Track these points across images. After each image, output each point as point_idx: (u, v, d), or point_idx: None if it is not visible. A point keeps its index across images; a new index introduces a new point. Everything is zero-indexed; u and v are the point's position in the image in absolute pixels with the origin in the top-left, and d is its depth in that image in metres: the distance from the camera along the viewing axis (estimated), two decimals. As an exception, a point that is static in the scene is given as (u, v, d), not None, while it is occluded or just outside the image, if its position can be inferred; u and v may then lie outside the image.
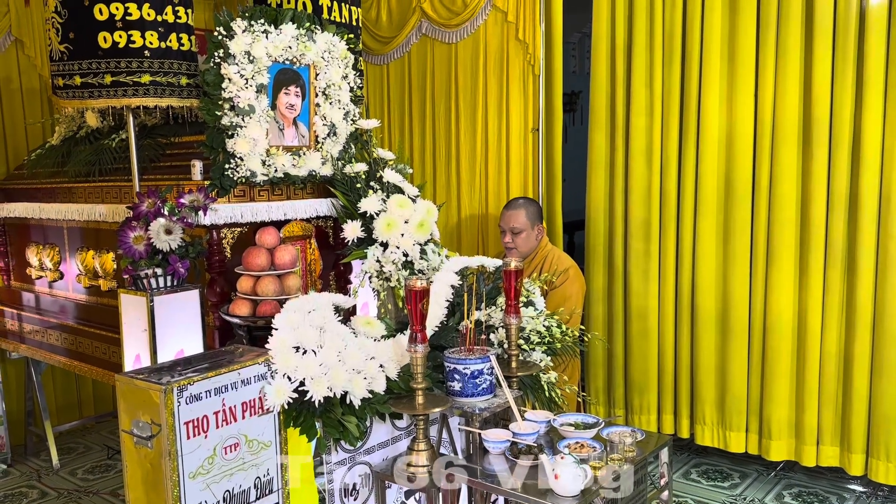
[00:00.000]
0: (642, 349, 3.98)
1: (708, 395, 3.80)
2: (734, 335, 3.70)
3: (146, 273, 2.61)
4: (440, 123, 4.62)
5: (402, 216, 2.88)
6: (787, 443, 3.63)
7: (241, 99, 2.69)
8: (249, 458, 2.09)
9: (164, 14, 2.86)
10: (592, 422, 2.32)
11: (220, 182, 2.74)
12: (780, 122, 3.49)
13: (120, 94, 2.85)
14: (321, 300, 2.42)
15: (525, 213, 3.69)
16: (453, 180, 4.58)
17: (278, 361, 2.14)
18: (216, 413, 2.00)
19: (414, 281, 2.14)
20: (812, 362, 3.52)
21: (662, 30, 3.78)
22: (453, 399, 2.32)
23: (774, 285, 3.57)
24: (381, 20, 4.79)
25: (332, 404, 2.19)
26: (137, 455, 1.98)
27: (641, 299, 3.95)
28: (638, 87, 3.86)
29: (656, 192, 3.87)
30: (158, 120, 3.45)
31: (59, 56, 2.89)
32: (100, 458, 4.37)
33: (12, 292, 4.12)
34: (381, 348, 2.37)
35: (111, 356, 3.24)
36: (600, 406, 4.20)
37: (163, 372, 2.01)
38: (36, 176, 3.81)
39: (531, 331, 2.73)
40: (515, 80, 4.24)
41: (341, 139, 3.07)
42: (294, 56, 2.82)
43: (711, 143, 3.66)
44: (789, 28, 3.42)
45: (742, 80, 3.58)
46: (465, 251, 4.40)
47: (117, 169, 3.28)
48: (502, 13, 4.23)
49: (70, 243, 3.59)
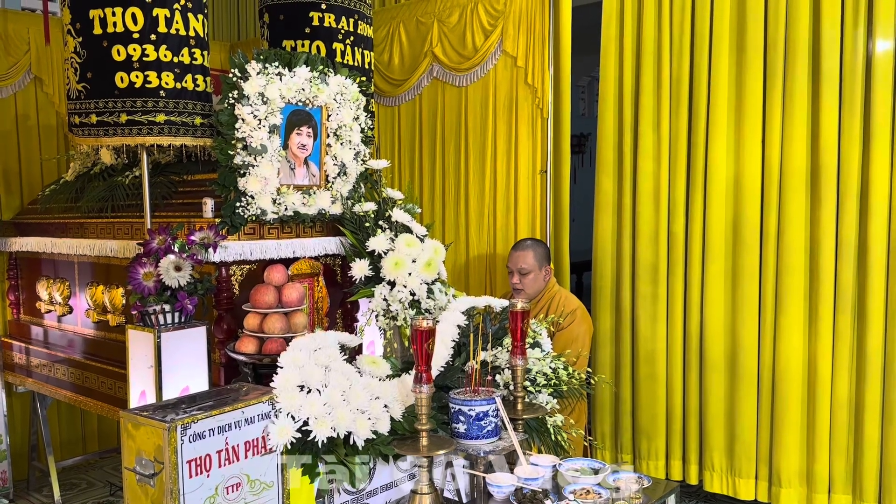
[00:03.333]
0: (650, 393, 3.94)
1: (717, 442, 3.76)
2: (743, 381, 3.67)
3: (154, 309, 2.63)
4: (449, 164, 4.67)
5: (410, 255, 2.89)
6: (798, 491, 3.57)
7: (254, 139, 2.73)
8: (251, 498, 2.08)
9: (180, 55, 2.92)
10: (599, 467, 2.29)
11: (231, 220, 2.77)
12: (788, 169, 3.51)
13: (135, 132, 2.90)
14: (327, 339, 2.42)
15: (533, 254, 3.70)
16: (462, 220, 4.61)
17: (282, 400, 2.13)
18: (219, 452, 1.99)
19: (420, 321, 2.13)
20: (822, 409, 3.48)
21: (670, 75, 3.83)
22: (458, 441, 2.30)
23: (783, 331, 3.55)
24: (393, 63, 4.88)
25: (336, 445, 2.17)
26: (140, 493, 1.96)
27: (649, 343, 3.93)
28: (645, 132, 3.89)
29: (664, 235, 3.88)
30: (171, 158, 3.50)
31: (76, 94, 2.96)
32: (102, 494, 4.33)
33: (21, 326, 4.14)
34: (386, 388, 2.36)
35: (117, 391, 3.24)
36: (607, 451, 4.14)
37: (167, 409, 2.01)
38: (49, 211, 3.86)
39: (537, 372, 2.71)
40: (524, 123, 4.29)
41: (351, 179, 3.10)
42: (307, 98, 2.87)
43: (719, 188, 3.68)
44: (796, 75, 3.46)
45: (749, 125, 3.61)
46: (473, 291, 4.40)
47: (130, 205, 3.32)
48: (512, 58, 4.30)
49: (80, 278, 3.62)
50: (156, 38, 2.85)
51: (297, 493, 2.18)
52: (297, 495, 2.18)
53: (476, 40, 4.44)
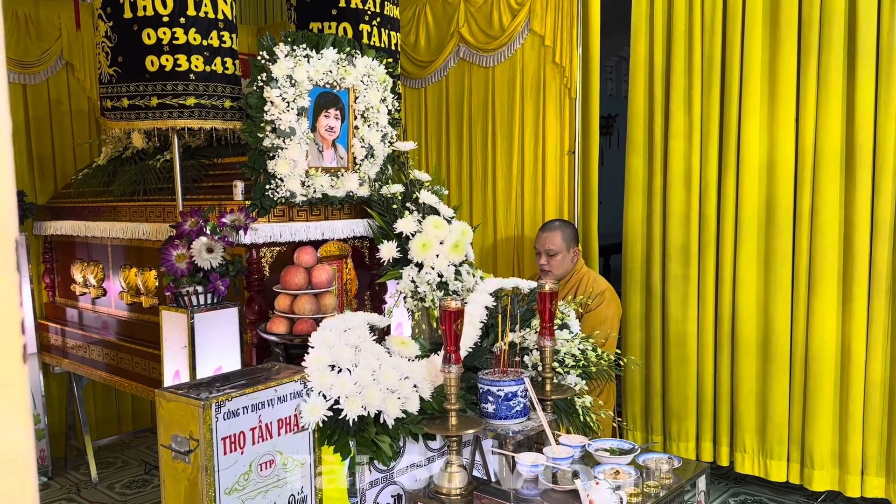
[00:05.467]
0: (681, 375, 3.92)
1: (748, 423, 3.73)
2: (775, 362, 3.63)
3: (187, 290, 2.67)
4: (476, 146, 4.65)
5: (438, 237, 2.90)
6: (831, 473, 3.53)
7: (283, 121, 2.75)
8: (284, 475, 2.11)
9: (209, 39, 2.94)
10: (628, 447, 2.29)
11: (261, 202, 2.80)
12: (822, 148, 3.44)
13: (166, 116, 2.93)
14: (356, 319, 2.44)
15: (561, 235, 3.68)
16: (489, 202, 4.60)
17: (314, 379, 2.16)
18: (252, 429, 2.02)
19: (448, 301, 2.14)
20: (856, 391, 3.43)
21: (701, 54, 3.76)
22: (487, 421, 2.31)
23: (817, 313, 3.50)
24: (419, 45, 4.86)
25: (366, 423, 2.20)
26: (175, 469, 2.01)
27: (680, 325, 3.90)
28: (676, 112, 3.84)
29: (695, 216, 3.83)
30: (202, 141, 3.53)
31: (107, 79, 2.99)
32: (137, 473, 4.43)
33: (57, 308, 4.22)
34: (415, 368, 2.38)
35: (151, 372, 3.30)
36: (637, 432, 4.14)
37: (201, 388, 2.04)
38: (82, 195, 3.93)
39: (566, 354, 2.71)
40: (552, 103, 4.26)
41: (378, 161, 3.11)
42: (334, 80, 2.87)
43: (752, 168, 3.62)
44: (831, 53, 3.38)
45: (783, 104, 3.54)
46: (501, 272, 4.40)
47: (161, 189, 3.36)
48: (539, 37, 4.26)
49: (114, 261, 3.68)
50: (185, 21, 2.87)
51: (328, 471, 2.21)
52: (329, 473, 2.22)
53: (503, 20, 4.40)
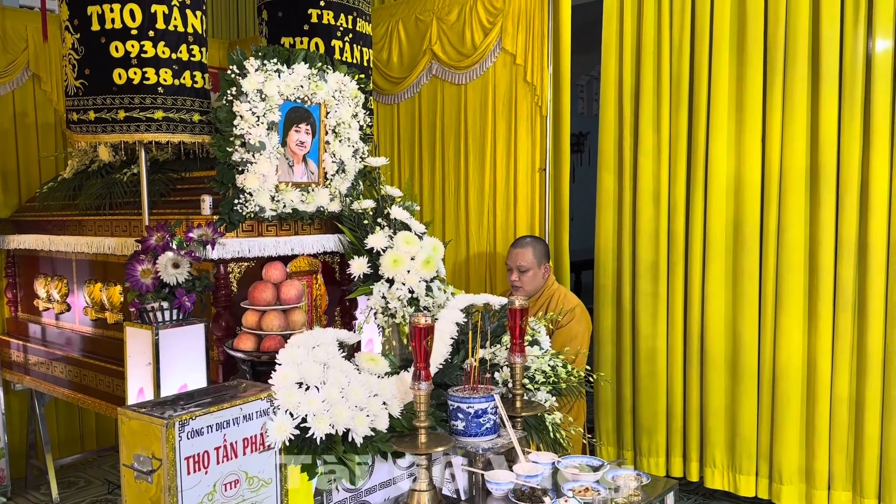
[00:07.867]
0: (651, 391, 3.94)
1: (717, 438, 3.75)
2: (743, 378, 3.67)
3: (152, 306, 2.62)
4: (449, 162, 4.66)
5: (409, 253, 2.89)
6: (798, 487, 3.57)
7: (253, 136, 2.72)
8: (249, 495, 2.07)
9: (178, 52, 2.91)
10: (597, 464, 2.28)
11: (229, 217, 2.76)
12: (788, 168, 3.51)
13: (133, 129, 2.89)
14: (325, 336, 2.41)
15: (532, 251, 3.69)
16: (462, 218, 4.60)
17: (281, 397, 2.12)
18: (217, 448, 1.98)
19: (419, 317, 2.13)
20: (822, 407, 3.48)
21: (670, 74, 3.82)
22: (457, 438, 2.30)
23: (784, 329, 3.54)
24: (392, 61, 4.87)
25: (334, 442, 2.17)
26: (138, 490, 1.96)
27: (650, 340, 3.93)
28: (646, 130, 3.89)
29: (664, 234, 3.88)
30: (170, 155, 3.49)
31: (74, 91, 2.95)
32: (100, 492, 4.33)
33: (19, 323, 4.13)
34: (385, 385, 2.35)
35: (115, 389, 3.23)
36: (610, 447, 4.14)
37: (165, 406, 2.00)
38: (47, 208, 3.85)
39: (536, 370, 2.71)
40: (523, 121, 4.29)
41: (350, 176, 3.09)
42: (305, 95, 2.86)
43: (719, 187, 3.68)
44: (796, 74, 3.45)
45: (750, 124, 3.60)
46: (474, 288, 4.40)
47: (127, 203, 3.31)
48: (511, 56, 4.29)
49: (78, 275, 3.61)
50: (154, 34, 2.85)
51: (295, 491, 2.18)
52: (296, 493, 2.18)
53: (475, 38, 4.43)
